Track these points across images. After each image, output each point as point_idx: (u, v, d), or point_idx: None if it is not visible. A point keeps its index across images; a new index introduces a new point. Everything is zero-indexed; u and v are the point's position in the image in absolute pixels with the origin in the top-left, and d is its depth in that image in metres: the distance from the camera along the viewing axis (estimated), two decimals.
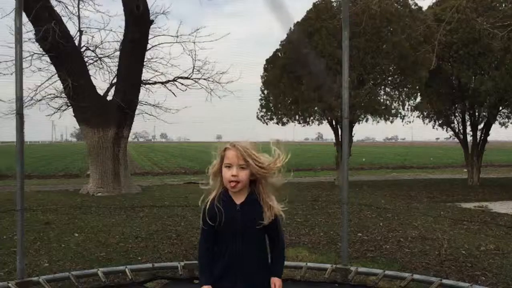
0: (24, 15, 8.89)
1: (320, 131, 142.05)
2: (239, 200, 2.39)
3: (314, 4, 13.52)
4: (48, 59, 11.69)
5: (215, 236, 2.45)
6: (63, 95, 11.94)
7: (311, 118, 14.77)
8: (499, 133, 16.32)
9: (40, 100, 12.14)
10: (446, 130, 15.38)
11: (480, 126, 14.49)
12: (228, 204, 2.38)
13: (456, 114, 14.80)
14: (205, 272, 2.43)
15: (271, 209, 2.38)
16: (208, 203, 2.41)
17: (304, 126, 15.08)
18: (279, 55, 14.44)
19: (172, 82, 13.47)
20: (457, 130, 14.92)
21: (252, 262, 2.40)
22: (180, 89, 13.53)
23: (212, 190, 2.43)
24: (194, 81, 13.34)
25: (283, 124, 14.81)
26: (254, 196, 2.40)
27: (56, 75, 11.67)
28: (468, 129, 14.64)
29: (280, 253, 2.49)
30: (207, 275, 2.41)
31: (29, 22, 10.62)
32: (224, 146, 2.37)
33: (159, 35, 13.22)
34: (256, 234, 2.40)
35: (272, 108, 14.72)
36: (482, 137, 14.49)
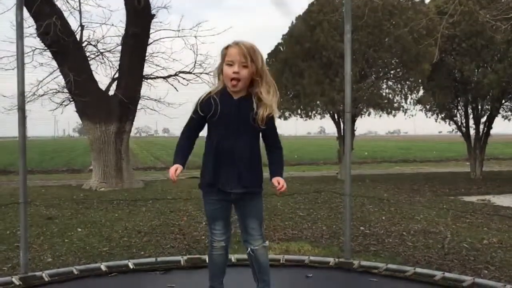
0: (25, 10, 8.88)
1: (322, 125, 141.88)
2: (237, 95, 2.40)
3: None
4: (49, 54, 11.69)
5: (200, 127, 2.48)
6: (65, 90, 11.95)
7: (313, 112, 14.75)
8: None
9: (42, 95, 12.15)
10: (449, 124, 15.35)
11: (483, 119, 14.45)
12: (226, 98, 2.38)
13: (459, 107, 14.76)
14: (178, 154, 2.44)
15: (268, 107, 2.38)
16: (205, 95, 2.43)
17: (306, 120, 15.06)
18: (281, 49, 14.41)
19: (173, 77, 13.45)
20: (459, 124, 14.88)
21: (244, 161, 2.39)
22: (182, 84, 13.51)
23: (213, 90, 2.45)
24: (196, 75, 13.31)
25: (285, 118, 14.80)
26: (251, 95, 2.41)
27: (58, 70, 11.68)
28: (471, 122, 14.61)
29: (279, 153, 2.50)
30: (179, 157, 2.43)
31: (30, 17, 10.61)
32: (227, 45, 2.37)
33: (160, 30, 13.24)
34: (250, 132, 2.40)
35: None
36: (485, 130, 14.45)
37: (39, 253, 5.04)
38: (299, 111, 14.62)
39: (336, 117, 14.51)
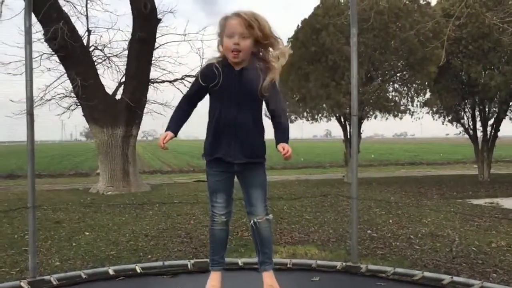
0: (33, 15, 8.95)
1: (328, 128, 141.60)
2: (238, 66, 2.35)
3: (321, 0, 13.47)
4: (57, 59, 11.78)
5: (199, 97, 2.46)
6: (72, 94, 12.03)
7: (319, 115, 14.74)
8: None
9: (49, 99, 12.25)
10: (456, 126, 15.28)
11: (491, 122, 14.36)
12: (227, 69, 2.34)
13: (466, 109, 14.69)
14: (172, 121, 2.43)
15: (276, 73, 2.36)
16: (206, 64, 2.40)
17: (312, 123, 15.05)
18: None
19: (180, 81, 13.51)
20: (467, 126, 14.81)
21: (247, 132, 2.36)
22: (188, 88, 13.54)
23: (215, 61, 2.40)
24: None
25: (291, 121, 14.79)
26: (254, 65, 2.37)
27: (65, 74, 11.76)
28: (478, 124, 14.53)
29: (283, 118, 2.43)
30: (173, 124, 2.41)
31: (38, 22, 10.69)
32: (225, 15, 2.33)
33: (166, 34, 13.32)
34: (252, 102, 2.37)
35: None
36: (493, 133, 14.37)
37: (47, 257, 5.07)
38: (305, 114, 14.61)
39: (342, 120, 14.49)
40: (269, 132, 2.50)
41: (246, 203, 2.54)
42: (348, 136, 14.40)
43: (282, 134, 2.39)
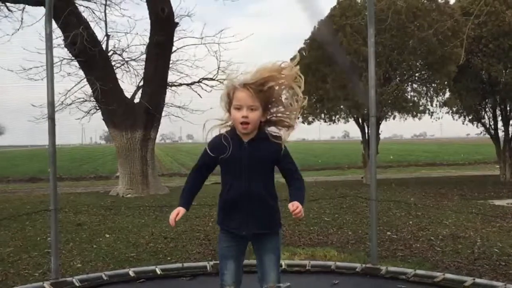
0: (53, 21, 9.12)
1: (346, 130, 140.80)
2: (247, 138, 2.30)
3: (338, 1, 13.42)
4: (77, 64, 11.96)
5: (209, 168, 2.40)
6: (92, 98, 12.20)
7: (337, 116, 14.67)
8: None
9: (70, 104, 12.44)
10: (477, 126, 15.05)
11: None
12: (236, 140, 2.30)
13: (487, 109, 14.46)
14: (183, 196, 2.38)
15: (281, 140, 2.31)
16: (214, 136, 2.36)
17: (330, 124, 14.99)
18: (303, 53, 14.39)
19: (197, 84, 13.59)
20: (488, 126, 14.57)
21: (260, 204, 2.31)
22: (206, 90, 13.62)
23: (221, 126, 2.36)
24: (219, 82, 13.41)
25: (309, 123, 14.76)
26: (263, 134, 2.32)
27: (85, 79, 11.94)
28: (500, 124, 14.29)
29: (299, 183, 2.35)
30: (184, 199, 2.37)
31: (57, 28, 10.89)
32: (233, 85, 2.27)
33: (184, 37, 13.38)
34: (264, 173, 2.32)
35: None
36: None
37: (68, 258, 5.15)
38: (322, 116, 14.56)
39: (360, 121, 14.40)
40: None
41: (258, 269, 2.45)
42: (366, 137, 14.30)
43: (296, 195, 2.30)
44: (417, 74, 13.65)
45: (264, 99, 2.25)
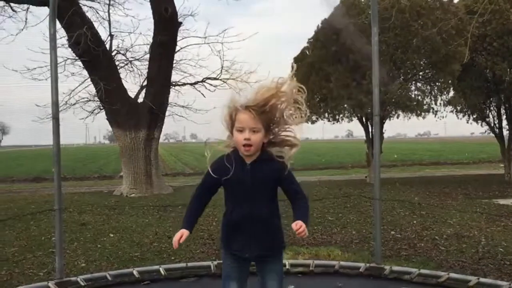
0: (57, 21, 9.14)
1: (350, 129, 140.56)
2: (249, 159, 2.28)
3: (341, 0, 13.40)
4: (80, 63, 11.99)
5: (212, 190, 2.38)
6: (96, 98, 12.23)
7: (341, 115, 14.64)
8: None
9: (74, 104, 12.47)
10: (481, 125, 14.98)
11: None
12: (238, 162, 2.28)
13: (491, 107, 14.39)
14: (186, 219, 2.37)
15: (284, 160, 2.28)
16: (217, 159, 2.34)
17: (333, 123, 14.95)
18: (307, 52, 14.37)
19: (200, 83, 13.60)
20: (492, 124, 14.51)
21: (263, 226, 2.30)
22: (209, 90, 13.63)
23: (223, 146, 2.34)
24: (223, 81, 13.43)
25: (313, 122, 14.71)
26: (265, 155, 2.29)
27: (89, 79, 11.97)
28: (504, 122, 14.22)
29: (302, 202, 2.31)
30: (187, 222, 2.36)
31: (61, 28, 10.92)
32: (235, 106, 2.24)
33: (187, 37, 13.40)
34: (266, 193, 2.30)
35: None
36: None
37: (73, 258, 5.17)
38: (326, 115, 14.53)
39: (364, 120, 14.37)
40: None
41: None
42: (370, 137, 14.26)
43: (299, 211, 2.27)
44: (421, 73, 13.60)
45: (266, 120, 2.24)
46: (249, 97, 2.24)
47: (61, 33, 11.07)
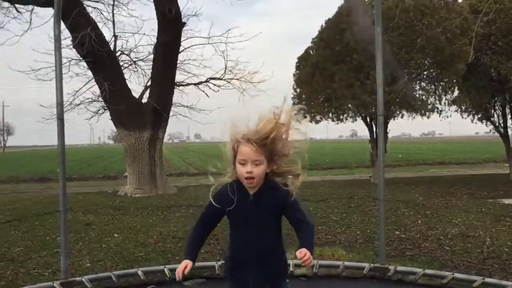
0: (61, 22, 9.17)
1: (354, 128, 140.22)
2: (252, 190, 2.27)
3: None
4: (85, 64, 12.04)
5: (215, 219, 2.39)
6: (100, 99, 12.27)
7: (345, 115, 14.62)
8: None
9: (78, 104, 12.53)
10: (486, 124, 14.93)
11: None
12: (241, 193, 2.27)
13: (496, 107, 14.34)
14: (189, 249, 2.37)
15: (289, 188, 2.27)
16: (219, 189, 2.34)
17: (337, 123, 14.93)
18: (311, 52, 14.36)
19: (204, 83, 13.61)
20: (497, 124, 14.46)
21: (268, 256, 2.30)
22: (213, 90, 13.65)
23: (226, 176, 2.32)
24: (227, 81, 13.43)
25: (317, 122, 14.70)
26: (269, 184, 2.27)
27: (93, 79, 12.01)
28: (509, 122, 14.18)
29: (307, 228, 2.28)
30: (190, 252, 2.35)
31: (65, 29, 10.95)
32: (237, 139, 2.22)
33: (191, 37, 13.40)
34: (271, 220, 2.29)
35: (305, 106, 14.63)
36: None
37: (78, 258, 5.18)
38: (330, 115, 14.51)
39: (368, 119, 14.34)
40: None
41: None
42: (374, 136, 14.24)
43: (304, 239, 2.23)
44: (425, 73, 13.56)
45: (268, 151, 2.22)
46: (250, 128, 2.23)
47: (65, 34, 11.12)
